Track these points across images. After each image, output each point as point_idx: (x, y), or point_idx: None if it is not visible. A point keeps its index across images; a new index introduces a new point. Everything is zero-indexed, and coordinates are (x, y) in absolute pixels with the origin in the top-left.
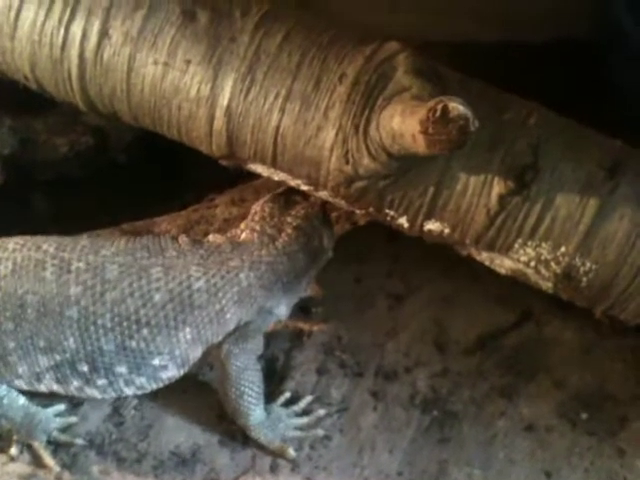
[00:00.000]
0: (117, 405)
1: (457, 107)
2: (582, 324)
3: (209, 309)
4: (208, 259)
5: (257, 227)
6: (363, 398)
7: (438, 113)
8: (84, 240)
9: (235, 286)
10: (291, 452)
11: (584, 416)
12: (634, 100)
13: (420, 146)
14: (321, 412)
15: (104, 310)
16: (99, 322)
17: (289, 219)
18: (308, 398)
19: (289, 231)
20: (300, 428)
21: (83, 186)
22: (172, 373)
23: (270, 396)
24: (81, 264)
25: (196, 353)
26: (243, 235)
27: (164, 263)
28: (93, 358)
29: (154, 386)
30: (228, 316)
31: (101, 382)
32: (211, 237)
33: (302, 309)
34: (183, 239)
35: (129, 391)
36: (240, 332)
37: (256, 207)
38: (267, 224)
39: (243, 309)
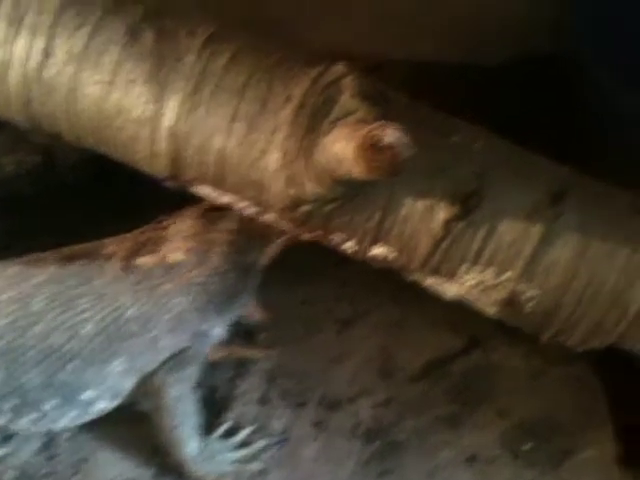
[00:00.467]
0: (50, 438)
1: (392, 134)
2: (529, 350)
3: (141, 338)
4: (138, 285)
5: (185, 246)
6: (305, 429)
7: (370, 141)
8: (15, 267)
9: (167, 313)
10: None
11: (527, 446)
12: (594, 115)
13: (360, 171)
14: (260, 444)
15: (31, 344)
16: (27, 355)
17: (216, 236)
18: (247, 430)
19: (218, 249)
20: (238, 461)
21: (30, 205)
22: (104, 405)
23: (209, 428)
24: (12, 293)
25: (129, 384)
26: (172, 256)
27: (94, 292)
28: (20, 395)
29: (86, 418)
30: (161, 344)
31: (30, 418)
32: (142, 260)
33: (247, 334)
34: (114, 265)
35: (61, 424)
36: (175, 360)
37: (180, 225)
38: (195, 242)
39: (177, 336)
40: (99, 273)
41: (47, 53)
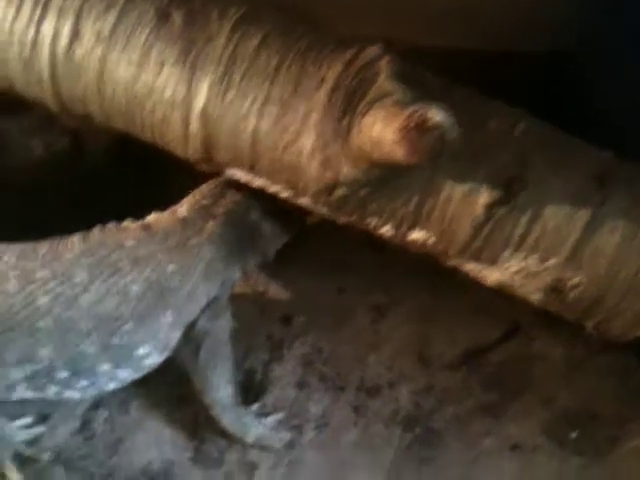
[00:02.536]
0: (87, 418)
1: (434, 116)
2: (571, 339)
3: (183, 290)
4: (167, 242)
5: (190, 202)
6: (344, 414)
7: (415, 122)
8: (44, 247)
9: (200, 262)
10: (250, 437)
11: (573, 435)
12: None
13: (399, 155)
14: (285, 435)
15: (80, 315)
16: (77, 327)
17: (221, 199)
18: (278, 415)
19: (221, 207)
20: (260, 436)
21: (56, 192)
22: (154, 359)
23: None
24: (45, 272)
25: (176, 335)
26: (180, 210)
27: (129, 255)
28: (74, 363)
29: (136, 376)
30: (199, 293)
31: (83, 384)
32: (152, 217)
33: (282, 319)
34: (131, 225)
35: (112, 386)
36: (211, 309)
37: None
38: (204, 199)
39: (210, 283)
40: (124, 238)
41: (75, 34)
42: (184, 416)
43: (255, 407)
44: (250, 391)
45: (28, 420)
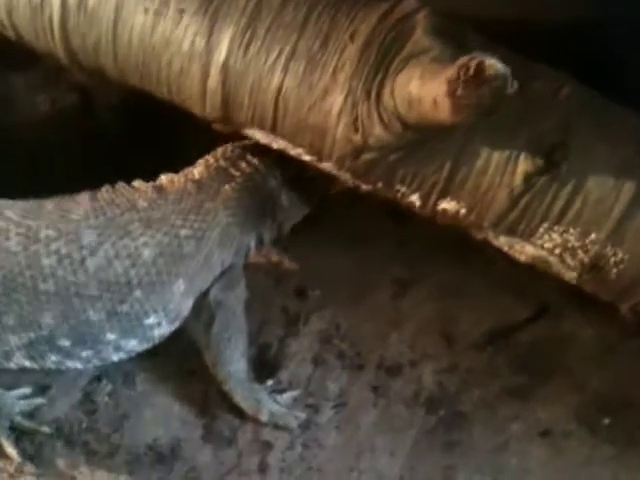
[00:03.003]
0: (89, 390)
1: (495, 65)
2: (604, 321)
3: (197, 257)
4: (182, 204)
5: (206, 163)
6: (363, 393)
7: (472, 71)
8: (49, 204)
9: (216, 227)
10: (265, 415)
11: (605, 422)
12: None
13: (443, 112)
14: (293, 423)
15: (87, 279)
16: (83, 292)
17: (240, 161)
18: (295, 393)
19: (239, 171)
20: (273, 414)
21: (63, 151)
22: (164, 330)
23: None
24: (51, 231)
25: (188, 304)
26: (195, 170)
27: (141, 217)
28: (78, 331)
29: (145, 347)
30: (214, 260)
31: (86, 353)
32: (164, 178)
33: (297, 292)
34: (142, 185)
35: (116, 357)
36: (226, 277)
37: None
38: (222, 160)
39: (226, 250)
40: (136, 198)
41: None
42: (194, 391)
43: (270, 383)
44: (264, 366)
45: (26, 390)
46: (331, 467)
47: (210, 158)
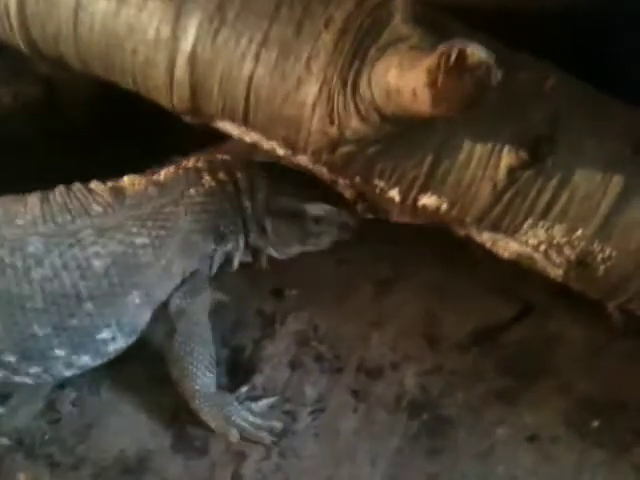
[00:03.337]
0: (52, 399)
1: (477, 52)
2: (591, 321)
3: (155, 266)
4: (140, 209)
5: (186, 165)
6: (342, 398)
7: (453, 59)
8: None
9: (176, 234)
10: (234, 436)
11: (594, 425)
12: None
13: (423, 104)
14: (277, 424)
15: (33, 290)
16: (28, 305)
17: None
18: (272, 399)
19: (211, 175)
20: (249, 426)
21: (26, 147)
22: (120, 344)
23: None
24: None
25: (145, 317)
26: (160, 174)
27: (94, 224)
28: (23, 346)
29: (99, 362)
30: (175, 269)
31: (34, 370)
32: (126, 179)
33: (274, 292)
34: (99, 187)
35: (69, 373)
36: (188, 285)
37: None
38: (201, 163)
39: (188, 257)
40: (90, 203)
41: None
42: (163, 399)
43: (244, 390)
44: (238, 370)
45: None
46: (309, 477)
47: (187, 160)
